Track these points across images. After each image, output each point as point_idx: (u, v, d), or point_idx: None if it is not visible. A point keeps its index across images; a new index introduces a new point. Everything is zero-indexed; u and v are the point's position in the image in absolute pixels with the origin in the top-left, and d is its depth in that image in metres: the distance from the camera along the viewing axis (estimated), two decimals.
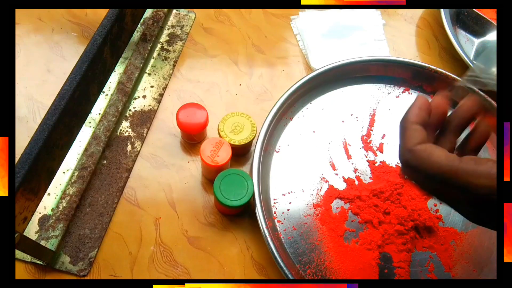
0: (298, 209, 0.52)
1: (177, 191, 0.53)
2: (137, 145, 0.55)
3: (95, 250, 0.48)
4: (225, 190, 0.47)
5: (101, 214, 0.50)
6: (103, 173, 0.53)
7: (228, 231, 0.51)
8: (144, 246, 0.49)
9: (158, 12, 0.64)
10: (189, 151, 0.56)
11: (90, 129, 0.55)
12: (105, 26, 0.47)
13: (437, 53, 0.67)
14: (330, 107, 0.59)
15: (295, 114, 0.58)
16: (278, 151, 0.55)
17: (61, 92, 0.42)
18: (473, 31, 0.68)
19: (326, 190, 0.53)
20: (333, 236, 0.50)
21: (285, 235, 0.50)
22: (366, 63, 0.60)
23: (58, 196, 0.50)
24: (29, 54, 0.60)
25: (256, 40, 0.65)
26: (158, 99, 0.59)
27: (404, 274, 0.49)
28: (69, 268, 0.47)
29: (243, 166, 0.55)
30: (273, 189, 0.53)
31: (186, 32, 0.65)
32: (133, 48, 0.60)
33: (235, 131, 0.52)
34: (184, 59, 0.63)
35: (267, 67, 0.63)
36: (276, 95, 0.58)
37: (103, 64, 0.48)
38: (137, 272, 0.48)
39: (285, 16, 0.68)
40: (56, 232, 0.48)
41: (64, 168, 0.52)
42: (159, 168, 0.54)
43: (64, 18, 0.64)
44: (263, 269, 0.49)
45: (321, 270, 0.48)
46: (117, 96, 0.56)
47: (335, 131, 0.58)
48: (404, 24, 0.70)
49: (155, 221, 0.51)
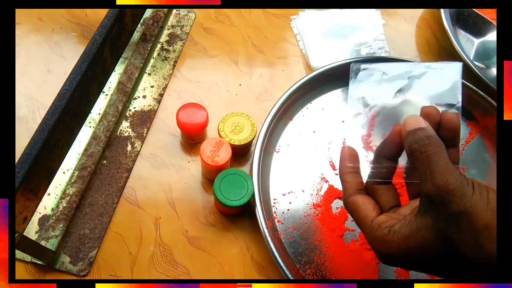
0: (298, 209, 0.52)
1: (177, 191, 0.53)
2: (137, 145, 0.55)
3: (95, 250, 0.48)
4: (225, 190, 0.47)
5: (101, 214, 0.50)
6: (103, 173, 0.53)
7: (228, 231, 0.51)
8: (144, 246, 0.49)
9: (158, 12, 0.64)
10: (189, 151, 0.56)
11: (90, 129, 0.55)
12: (105, 26, 0.47)
13: (437, 53, 0.67)
14: (330, 107, 0.59)
15: (295, 114, 0.58)
16: (278, 151, 0.55)
17: (61, 92, 0.42)
18: (473, 31, 0.68)
19: (326, 190, 0.53)
20: (333, 236, 0.50)
21: (285, 235, 0.50)
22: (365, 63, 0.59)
23: (58, 196, 0.50)
24: (29, 54, 0.60)
25: (256, 40, 0.65)
26: (158, 99, 0.59)
27: (404, 274, 0.49)
28: (69, 268, 0.47)
29: (243, 166, 0.55)
30: (273, 189, 0.53)
31: (186, 32, 0.65)
32: (133, 48, 0.60)
33: (235, 131, 0.52)
34: (184, 59, 0.63)
35: (267, 67, 0.63)
36: (276, 95, 0.58)
37: (103, 64, 0.48)
38: (137, 272, 0.48)
39: (285, 16, 0.68)
40: (56, 232, 0.48)
41: (64, 168, 0.52)
42: (159, 168, 0.54)
43: (64, 18, 0.64)
44: (263, 269, 0.49)
45: (321, 270, 0.48)
46: (117, 96, 0.56)
47: (335, 131, 0.58)
48: (404, 24, 0.70)
49: (155, 221, 0.51)
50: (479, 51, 0.66)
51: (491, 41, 0.67)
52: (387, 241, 0.32)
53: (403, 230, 0.31)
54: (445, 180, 0.29)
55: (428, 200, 0.30)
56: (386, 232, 0.32)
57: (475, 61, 0.64)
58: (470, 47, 0.67)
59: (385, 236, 0.32)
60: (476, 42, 0.67)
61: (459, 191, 0.29)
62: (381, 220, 0.33)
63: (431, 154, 0.30)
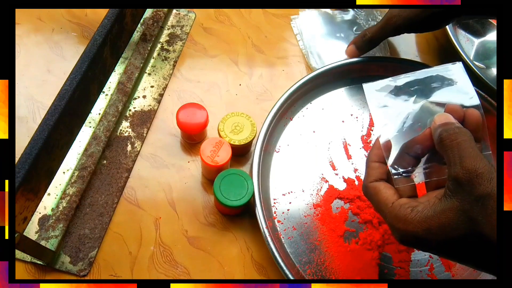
0: (298, 209, 0.52)
1: (177, 191, 0.53)
2: (137, 145, 0.55)
3: (95, 250, 0.48)
4: (225, 190, 0.47)
5: (101, 214, 0.50)
6: (103, 173, 0.53)
7: (228, 231, 0.51)
8: (144, 246, 0.49)
9: (158, 12, 0.64)
10: (189, 151, 0.56)
11: (90, 129, 0.55)
12: (105, 26, 0.47)
13: (437, 53, 0.67)
14: (330, 107, 0.59)
15: (295, 114, 0.58)
16: (278, 151, 0.55)
17: (61, 92, 0.42)
18: (473, 31, 0.68)
19: (326, 190, 0.53)
20: (333, 236, 0.50)
21: (285, 235, 0.50)
22: (366, 63, 0.60)
23: (58, 196, 0.50)
24: (29, 54, 0.60)
25: (256, 40, 0.65)
26: (158, 99, 0.59)
27: (404, 274, 0.49)
28: (69, 268, 0.47)
29: (243, 166, 0.55)
30: (273, 189, 0.53)
31: (186, 32, 0.65)
32: (133, 48, 0.60)
33: (235, 131, 0.52)
34: (184, 59, 0.63)
35: (267, 67, 0.63)
36: (276, 95, 0.58)
37: (103, 64, 0.48)
38: (137, 272, 0.48)
39: (285, 16, 0.68)
40: (56, 232, 0.48)
41: (64, 168, 0.52)
42: (159, 168, 0.54)
43: (64, 18, 0.64)
44: (263, 269, 0.49)
45: (321, 270, 0.48)
46: (117, 96, 0.56)
47: (335, 131, 0.58)
48: None
49: (155, 221, 0.51)
50: (479, 51, 0.66)
51: (491, 41, 0.67)
52: (408, 220, 0.33)
53: (426, 211, 0.32)
54: (475, 164, 0.31)
55: (455, 183, 0.31)
56: (408, 211, 0.33)
57: (475, 61, 0.64)
58: (470, 47, 0.67)
59: (407, 215, 0.33)
60: (476, 42, 0.67)
61: (487, 175, 0.30)
62: (403, 202, 0.34)
63: (461, 142, 0.32)
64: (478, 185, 0.30)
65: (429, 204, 0.33)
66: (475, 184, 0.30)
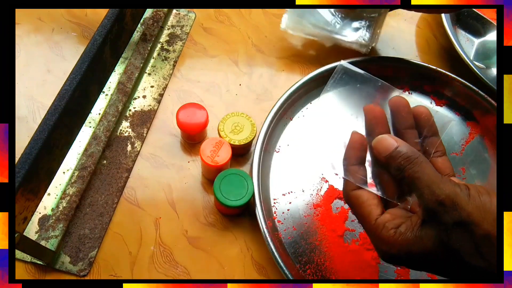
0: (298, 209, 0.52)
1: (177, 191, 0.53)
2: (137, 145, 0.55)
3: (95, 250, 0.48)
4: (225, 190, 0.47)
5: (101, 214, 0.50)
6: (103, 173, 0.53)
7: (228, 231, 0.51)
8: (144, 246, 0.49)
9: (158, 12, 0.64)
10: (189, 151, 0.56)
11: (90, 129, 0.55)
12: (105, 26, 0.47)
13: (437, 53, 0.67)
14: (330, 107, 0.59)
15: (295, 114, 0.58)
16: (278, 151, 0.55)
17: (61, 92, 0.42)
18: (473, 31, 0.68)
19: (326, 190, 0.53)
20: (333, 236, 0.50)
21: (285, 235, 0.50)
22: (366, 63, 0.59)
23: (58, 196, 0.50)
24: (29, 54, 0.60)
25: (256, 40, 0.65)
26: (158, 99, 0.59)
27: (404, 274, 0.49)
28: (69, 268, 0.47)
29: (243, 166, 0.55)
30: (273, 189, 0.53)
31: (186, 32, 0.65)
32: (133, 48, 0.60)
33: (235, 131, 0.52)
34: (184, 59, 0.63)
35: (267, 67, 0.63)
36: (276, 95, 0.58)
37: (103, 64, 0.48)
38: (137, 272, 0.48)
39: None
40: (56, 232, 0.48)
41: (64, 168, 0.52)
42: (159, 168, 0.54)
43: (64, 18, 0.64)
44: (263, 269, 0.49)
45: (321, 270, 0.48)
46: (117, 96, 0.56)
47: (335, 131, 0.57)
48: (404, 24, 0.70)
49: (155, 221, 0.51)
50: (479, 51, 0.66)
51: (491, 41, 0.67)
52: (391, 243, 0.32)
53: (409, 233, 0.32)
54: (433, 192, 0.30)
55: (427, 213, 0.31)
56: (392, 233, 0.32)
57: (475, 61, 0.64)
58: (470, 47, 0.67)
59: (390, 237, 0.32)
60: (476, 42, 0.67)
61: (449, 201, 0.29)
62: (386, 219, 0.33)
63: (413, 174, 0.32)
64: (445, 213, 0.29)
65: (412, 224, 0.32)
66: (441, 213, 0.30)
